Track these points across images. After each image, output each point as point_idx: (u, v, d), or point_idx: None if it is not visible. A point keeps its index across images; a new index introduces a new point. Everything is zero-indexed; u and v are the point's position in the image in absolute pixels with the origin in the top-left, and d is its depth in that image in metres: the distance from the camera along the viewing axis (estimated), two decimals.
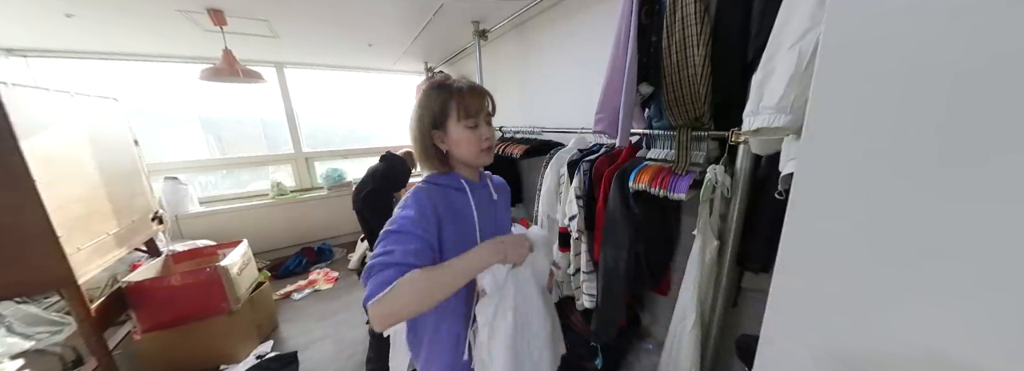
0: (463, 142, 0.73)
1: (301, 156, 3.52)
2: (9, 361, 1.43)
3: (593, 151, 1.56)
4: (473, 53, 2.38)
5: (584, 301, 1.54)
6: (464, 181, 0.79)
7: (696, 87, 1.03)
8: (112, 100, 1.92)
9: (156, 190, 2.45)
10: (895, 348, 0.42)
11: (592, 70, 1.22)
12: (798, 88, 0.68)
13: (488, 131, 0.75)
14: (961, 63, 0.35)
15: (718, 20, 0.99)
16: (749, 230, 1.08)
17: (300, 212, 3.29)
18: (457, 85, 0.72)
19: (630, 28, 1.11)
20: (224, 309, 1.75)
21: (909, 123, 0.38)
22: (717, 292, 1.17)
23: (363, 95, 3.93)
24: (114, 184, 1.71)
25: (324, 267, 3.02)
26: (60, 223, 1.28)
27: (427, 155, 0.76)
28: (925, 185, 0.38)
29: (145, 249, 2.14)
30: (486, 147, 0.76)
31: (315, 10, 1.93)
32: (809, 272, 0.49)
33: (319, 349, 1.96)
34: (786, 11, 0.72)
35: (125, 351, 1.75)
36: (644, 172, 1.20)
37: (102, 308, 1.49)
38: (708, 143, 1.16)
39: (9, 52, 2.37)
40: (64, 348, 1.59)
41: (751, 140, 0.94)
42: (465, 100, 0.71)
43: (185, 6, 1.78)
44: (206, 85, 2.65)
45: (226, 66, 2.09)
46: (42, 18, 1.87)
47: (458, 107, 0.71)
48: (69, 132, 1.51)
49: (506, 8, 1.92)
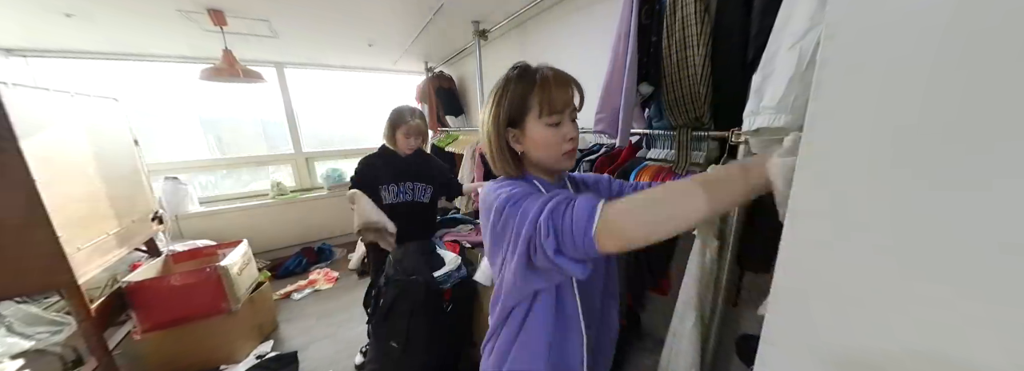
0: (542, 142, 0.63)
1: (301, 156, 3.52)
2: (9, 361, 1.42)
3: (593, 151, 1.56)
4: (473, 53, 2.38)
5: None
6: (540, 184, 0.67)
7: (696, 87, 1.03)
8: (112, 100, 1.92)
9: (156, 190, 2.45)
10: (895, 348, 0.42)
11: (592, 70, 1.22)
12: (798, 88, 0.68)
13: (573, 129, 0.64)
14: (963, 62, 0.35)
15: (718, 20, 0.99)
16: (749, 230, 1.08)
17: (300, 212, 3.29)
18: (542, 72, 0.61)
19: (630, 28, 1.11)
20: (224, 309, 1.75)
21: (909, 123, 0.38)
22: (717, 292, 1.17)
23: (363, 95, 3.93)
24: (114, 184, 1.71)
25: (324, 267, 3.03)
26: (60, 223, 1.28)
27: (502, 157, 0.66)
28: (925, 185, 0.38)
29: (145, 249, 2.13)
30: (569, 149, 0.64)
31: (315, 10, 1.93)
32: (809, 272, 0.49)
33: (319, 349, 1.96)
34: (786, 11, 0.72)
35: (125, 351, 1.75)
36: (644, 172, 1.20)
37: (102, 308, 1.49)
38: (708, 143, 1.16)
39: (9, 52, 2.37)
40: (64, 348, 1.59)
41: (751, 140, 0.93)
42: (550, 92, 0.60)
43: (185, 6, 1.78)
44: (206, 85, 2.65)
45: (226, 66, 2.09)
46: (42, 18, 1.87)
47: (541, 100, 0.60)
48: (69, 132, 1.50)
49: (506, 8, 1.92)
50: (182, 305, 1.68)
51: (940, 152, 0.37)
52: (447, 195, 1.82)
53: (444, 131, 3.35)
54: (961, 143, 0.35)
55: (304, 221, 3.31)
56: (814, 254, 0.48)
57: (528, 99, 0.61)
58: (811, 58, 0.65)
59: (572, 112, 0.64)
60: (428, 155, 1.75)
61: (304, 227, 3.32)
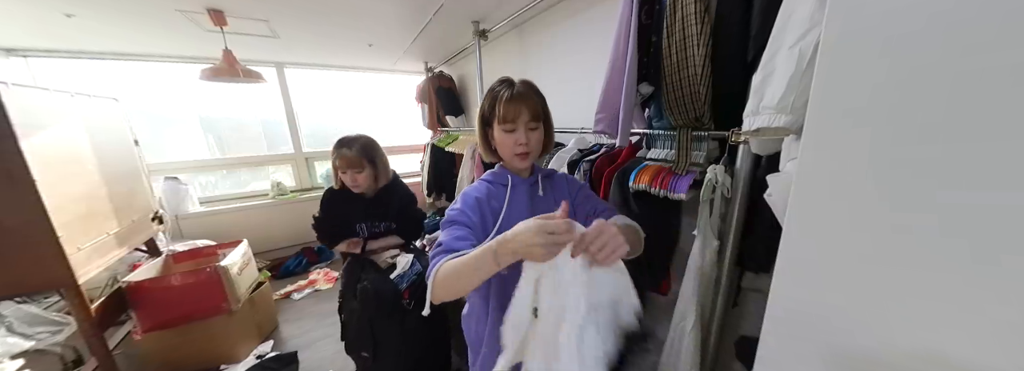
0: (500, 143, 0.81)
1: (301, 156, 3.52)
2: (9, 361, 1.42)
3: (593, 151, 1.56)
4: (473, 53, 2.38)
5: None
6: (510, 176, 0.85)
7: (696, 87, 1.03)
8: (112, 100, 1.92)
9: (156, 190, 2.45)
10: (895, 348, 0.42)
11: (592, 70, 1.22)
12: (798, 88, 0.68)
13: (524, 137, 0.78)
14: (962, 62, 0.35)
15: (718, 20, 0.99)
16: (749, 230, 1.08)
17: (300, 212, 3.29)
18: (503, 93, 0.77)
19: (630, 28, 1.11)
20: (224, 309, 1.75)
21: (909, 123, 0.38)
22: (717, 292, 1.17)
23: (363, 95, 3.93)
24: (114, 184, 1.71)
25: (324, 267, 3.03)
26: (60, 223, 1.28)
27: (484, 148, 0.86)
28: (925, 185, 0.38)
29: (145, 249, 2.13)
30: (520, 153, 0.80)
31: (315, 10, 1.92)
32: (809, 272, 0.49)
33: (319, 349, 1.96)
34: (786, 11, 0.72)
35: (125, 351, 1.75)
36: (644, 172, 1.20)
37: (102, 308, 1.49)
38: (708, 143, 1.15)
39: (9, 52, 2.37)
40: (64, 348, 1.59)
41: (751, 140, 0.93)
42: (503, 106, 0.76)
43: (185, 6, 1.78)
44: (206, 85, 2.65)
45: (226, 66, 2.09)
46: (42, 18, 1.87)
47: (499, 112, 0.77)
48: (69, 132, 1.51)
49: (506, 8, 1.91)
50: (182, 305, 1.68)
51: (940, 152, 0.37)
52: (402, 236, 1.58)
53: (444, 131, 3.35)
54: (962, 143, 0.35)
55: (304, 221, 3.26)
56: (814, 254, 0.49)
57: (495, 107, 0.78)
58: (811, 58, 0.65)
59: (529, 122, 0.78)
60: (393, 193, 1.54)
61: (304, 227, 3.27)
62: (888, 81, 0.39)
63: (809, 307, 0.50)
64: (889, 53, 0.39)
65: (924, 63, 0.37)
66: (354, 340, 1.45)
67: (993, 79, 0.33)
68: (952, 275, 0.37)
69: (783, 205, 0.58)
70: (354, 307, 1.40)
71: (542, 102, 0.81)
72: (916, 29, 0.37)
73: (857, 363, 0.46)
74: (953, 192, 0.36)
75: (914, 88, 0.38)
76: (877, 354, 0.44)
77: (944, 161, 0.37)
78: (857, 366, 0.46)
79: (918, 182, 0.38)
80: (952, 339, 0.38)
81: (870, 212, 0.42)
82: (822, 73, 0.45)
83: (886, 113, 0.40)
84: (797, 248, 0.51)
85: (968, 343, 0.37)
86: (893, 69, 0.39)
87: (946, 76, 0.36)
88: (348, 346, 1.50)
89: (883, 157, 0.41)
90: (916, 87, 0.38)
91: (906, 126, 0.39)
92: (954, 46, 0.35)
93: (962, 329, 0.37)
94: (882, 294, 0.43)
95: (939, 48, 0.36)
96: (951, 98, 0.36)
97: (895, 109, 0.39)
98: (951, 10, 0.35)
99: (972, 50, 0.34)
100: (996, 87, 0.33)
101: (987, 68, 0.33)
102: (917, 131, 0.38)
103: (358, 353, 1.44)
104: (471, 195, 0.81)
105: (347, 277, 1.48)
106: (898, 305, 0.41)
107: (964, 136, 0.35)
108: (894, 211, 0.40)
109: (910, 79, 0.38)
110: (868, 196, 0.42)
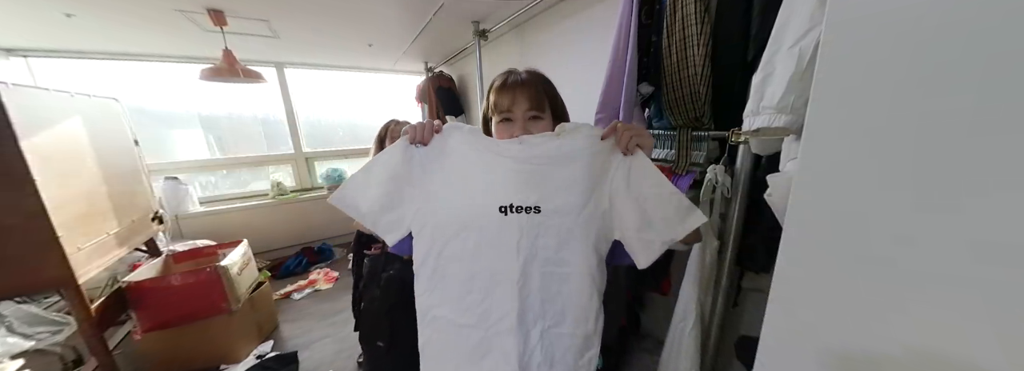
0: (497, 133, 0.75)
1: (301, 156, 3.52)
2: (9, 361, 1.42)
3: None
4: (473, 53, 2.38)
5: None
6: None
7: (696, 87, 1.03)
8: (112, 100, 1.92)
9: (156, 190, 2.45)
10: (895, 348, 0.42)
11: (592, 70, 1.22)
12: (798, 88, 0.68)
13: (520, 130, 0.69)
14: (961, 62, 0.35)
15: (718, 20, 0.99)
16: (749, 230, 1.08)
17: (300, 212, 3.29)
18: (497, 82, 0.73)
19: (630, 28, 1.11)
20: (224, 309, 1.75)
21: (910, 123, 0.38)
22: (717, 292, 1.17)
23: (363, 95, 3.93)
24: (114, 184, 1.71)
25: (324, 267, 3.02)
26: (60, 223, 1.28)
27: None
28: (925, 185, 0.38)
29: (145, 249, 2.13)
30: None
31: (315, 10, 1.92)
32: (809, 272, 0.49)
33: (319, 349, 1.96)
34: (786, 11, 0.72)
35: (125, 351, 1.75)
36: None
37: (102, 308, 1.49)
38: (708, 143, 1.15)
39: (9, 52, 2.37)
40: (64, 348, 1.59)
41: (751, 140, 0.94)
42: (495, 96, 0.73)
43: (185, 6, 1.78)
44: (206, 85, 2.64)
45: (226, 66, 2.09)
46: (42, 18, 1.87)
47: (493, 101, 0.73)
48: (69, 132, 1.50)
49: (506, 8, 1.91)
50: (182, 305, 1.67)
51: (941, 152, 0.37)
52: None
53: None
54: (962, 143, 0.35)
55: (304, 221, 3.31)
56: (814, 254, 0.49)
57: (488, 97, 0.75)
58: (811, 58, 0.65)
59: (526, 112, 0.70)
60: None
61: (304, 227, 3.32)
62: (888, 81, 0.39)
63: (809, 307, 0.50)
64: (889, 53, 0.39)
65: (924, 63, 0.37)
66: (370, 329, 1.45)
67: (994, 79, 0.33)
68: (952, 275, 0.37)
69: (783, 205, 0.58)
70: (375, 296, 1.40)
71: (548, 89, 0.73)
72: (916, 28, 0.37)
73: (857, 363, 0.46)
74: (953, 192, 0.36)
75: (914, 88, 0.38)
76: (877, 354, 0.44)
77: (944, 161, 0.37)
78: (857, 366, 0.46)
79: (918, 182, 0.38)
80: (952, 339, 0.38)
81: (870, 212, 0.42)
82: (822, 73, 0.45)
83: (886, 113, 0.40)
84: (797, 248, 0.51)
85: (968, 343, 0.37)
86: (893, 69, 0.39)
87: (947, 76, 0.36)
88: (362, 336, 1.50)
89: (883, 157, 0.41)
90: (916, 87, 0.38)
91: (906, 126, 0.39)
92: (954, 46, 0.35)
93: (962, 329, 0.37)
94: (882, 294, 0.43)
95: (939, 48, 0.36)
96: (951, 98, 0.36)
97: (895, 109, 0.39)
98: (951, 10, 0.35)
99: (973, 50, 0.34)
100: (996, 87, 0.33)
101: (991, 67, 0.33)
102: (917, 131, 0.38)
103: (373, 343, 1.44)
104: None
105: (371, 268, 1.48)
106: (899, 305, 0.41)
107: (964, 136, 0.35)
108: (894, 211, 0.40)
109: (911, 79, 0.38)
110: (868, 196, 0.42)
